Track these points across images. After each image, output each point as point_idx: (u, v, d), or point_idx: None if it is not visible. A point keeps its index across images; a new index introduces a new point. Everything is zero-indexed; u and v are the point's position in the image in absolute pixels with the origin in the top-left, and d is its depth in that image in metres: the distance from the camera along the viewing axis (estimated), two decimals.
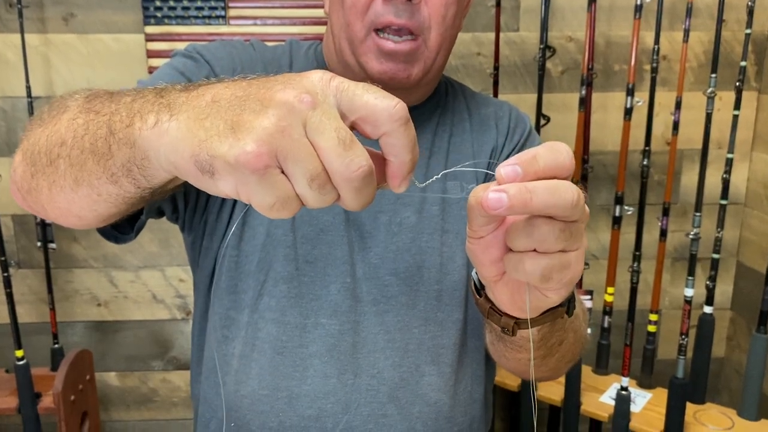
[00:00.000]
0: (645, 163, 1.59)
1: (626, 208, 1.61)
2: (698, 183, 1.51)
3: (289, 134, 0.40)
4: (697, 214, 1.51)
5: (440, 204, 0.87)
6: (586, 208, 0.48)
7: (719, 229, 1.53)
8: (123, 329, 1.85)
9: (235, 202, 0.84)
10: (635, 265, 1.62)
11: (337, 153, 0.41)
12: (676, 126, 1.54)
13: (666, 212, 1.59)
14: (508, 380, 1.67)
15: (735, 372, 1.89)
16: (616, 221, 1.63)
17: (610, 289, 1.63)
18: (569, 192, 0.45)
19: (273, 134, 0.40)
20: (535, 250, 0.48)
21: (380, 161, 0.46)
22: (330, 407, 0.82)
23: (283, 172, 0.42)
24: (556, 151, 0.47)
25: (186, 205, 0.85)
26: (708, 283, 1.54)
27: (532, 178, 0.45)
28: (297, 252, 0.83)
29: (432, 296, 0.84)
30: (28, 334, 1.75)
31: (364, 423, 0.82)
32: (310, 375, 0.82)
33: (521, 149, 0.92)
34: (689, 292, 1.52)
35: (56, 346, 1.74)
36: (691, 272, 1.52)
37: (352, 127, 0.44)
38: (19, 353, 1.56)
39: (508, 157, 0.91)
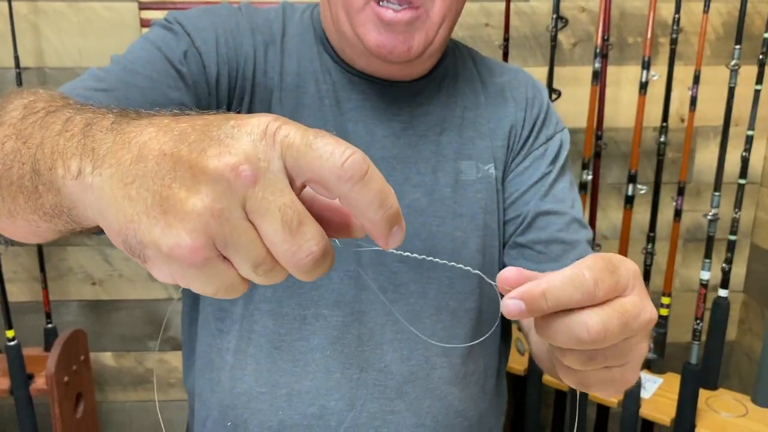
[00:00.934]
0: (662, 139, 1.52)
1: (639, 187, 1.55)
2: (718, 161, 1.44)
3: (226, 218, 0.34)
4: (716, 193, 1.45)
5: (453, 185, 0.81)
6: (643, 316, 0.44)
7: (737, 210, 1.47)
8: (118, 308, 1.80)
9: None
10: (649, 246, 1.57)
11: (281, 239, 0.35)
12: (693, 101, 1.47)
13: (681, 192, 1.53)
14: (514, 364, 1.62)
15: (746, 356, 1.84)
16: (629, 200, 1.57)
17: None
18: (588, 325, 0.42)
19: (208, 221, 0.34)
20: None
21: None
22: (334, 404, 0.77)
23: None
24: (575, 284, 0.43)
25: None
26: (724, 265, 1.49)
27: (541, 314, 0.43)
28: None
29: (444, 284, 0.79)
30: (20, 314, 1.70)
31: (370, 420, 0.77)
32: (312, 370, 0.77)
33: (540, 129, 0.86)
34: (705, 275, 1.47)
35: (49, 326, 1.69)
36: (708, 254, 1.46)
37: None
38: (10, 333, 1.51)
39: (528, 136, 0.85)
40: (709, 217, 1.45)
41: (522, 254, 0.83)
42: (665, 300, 1.56)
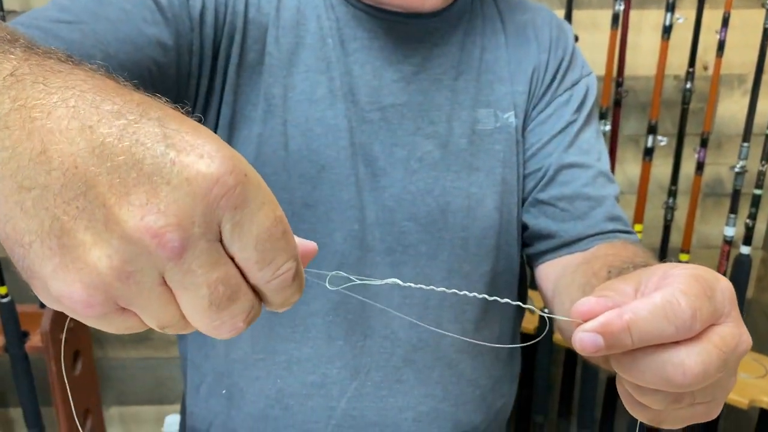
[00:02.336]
0: (688, 86, 1.43)
1: (659, 138, 1.47)
2: (749, 109, 1.35)
3: (135, 282, 0.27)
4: (745, 144, 1.36)
5: (469, 136, 0.73)
6: (740, 348, 0.38)
7: (764, 162, 1.39)
8: None
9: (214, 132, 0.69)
10: (670, 200, 1.50)
11: (206, 316, 0.29)
12: (721, 46, 1.38)
13: (704, 143, 1.45)
14: (524, 323, 1.57)
15: (764, 315, 1.79)
16: (648, 153, 1.49)
17: (638, 227, 1.51)
18: (686, 367, 0.37)
19: (111, 282, 0.27)
20: None
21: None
22: (336, 373, 0.71)
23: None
24: (669, 316, 0.36)
25: None
26: (747, 221, 1.42)
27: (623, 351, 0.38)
28: (293, 194, 0.69)
29: (457, 245, 0.72)
30: (13, 270, 1.65)
31: (375, 389, 0.72)
32: (312, 337, 0.71)
33: (565, 73, 0.77)
34: (730, 231, 1.40)
35: None
36: (734, 209, 1.39)
37: None
38: (3, 290, 1.46)
39: (551, 81, 0.77)
40: (736, 170, 1.37)
41: (543, 212, 0.76)
42: (683, 257, 1.50)
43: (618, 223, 0.75)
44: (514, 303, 0.44)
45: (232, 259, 0.29)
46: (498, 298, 0.44)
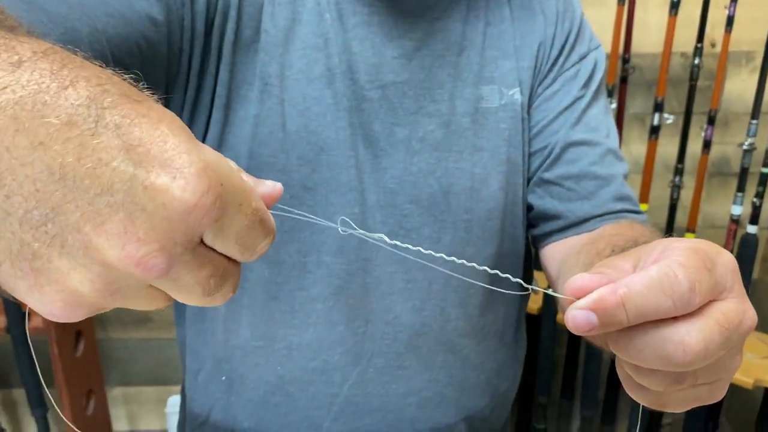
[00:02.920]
0: (696, 62, 1.41)
1: (666, 116, 1.45)
2: (758, 86, 1.33)
3: (121, 295, 0.27)
4: (754, 121, 1.34)
5: (472, 114, 0.71)
6: (744, 324, 0.36)
7: None
8: None
9: (209, 121, 0.68)
10: (676, 179, 1.48)
11: (202, 301, 0.30)
12: (730, 22, 1.35)
13: (711, 121, 1.43)
14: (529, 303, 1.57)
15: None
16: (654, 131, 1.47)
17: (644, 206, 1.50)
18: (685, 344, 0.34)
19: (96, 301, 0.27)
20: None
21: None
22: (337, 359, 0.70)
23: None
24: (666, 289, 0.34)
25: None
26: (755, 200, 1.40)
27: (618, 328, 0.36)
28: (291, 177, 0.67)
29: (461, 228, 0.70)
30: None
31: (378, 376, 0.71)
32: (313, 322, 0.70)
33: (573, 47, 0.75)
34: (737, 209, 1.39)
35: None
36: (741, 187, 1.37)
37: None
38: None
39: (558, 55, 0.74)
40: (744, 147, 1.35)
41: (549, 192, 0.74)
42: (689, 236, 1.49)
43: (626, 202, 0.73)
44: (515, 280, 0.41)
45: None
46: (499, 272, 0.42)
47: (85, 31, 0.54)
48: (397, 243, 0.40)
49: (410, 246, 0.41)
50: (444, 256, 0.40)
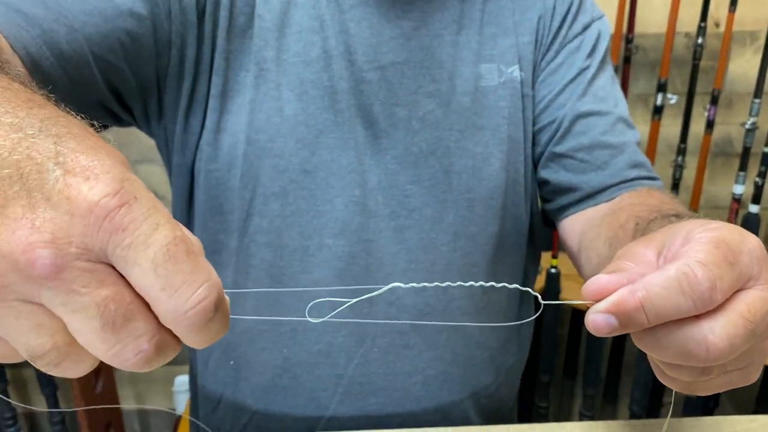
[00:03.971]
0: (699, 42, 1.40)
1: (669, 96, 1.45)
2: (761, 65, 1.32)
3: (1, 299, 0.26)
4: (756, 100, 1.34)
5: (472, 93, 0.71)
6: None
7: None
8: None
9: (206, 109, 0.68)
10: (679, 159, 1.48)
11: (101, 339, 0.26)
12: (734, 2, 1.34)
13: (714, 101, 1.43)
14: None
15: None
16: (657, 111, 1.47)
17: None
18: (708, 342, 0.34)
19: None
20: None
21: None
22: (341, 341, 0.71)
23: None
24: (685, 290, 0.34)
25: (130, 112, 0.69)
26: (757, 179, 1.40)
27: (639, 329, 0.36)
28: (290, 161, 0.68)
29: (462, 207, 0.71)
30: None
31: (382, 356, 0.72)
32: (316, 306, 0.71)
33: (575, 17, 0.74)
34: (739, 188, 1.39)
35: None
36: (743, 167, 1.37)
37: None
38: None
39: (560, 27, 0.73)
40: (747, 127, 1.35)
41: (562, 165, 0.73)
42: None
43: (641, 169, 0.72)
44: (511, 286, 0.41)
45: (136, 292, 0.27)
46: (494, 284, 0.41)
47: (63, 31, 0.55)
48: (414, 284, 0.42)
49: (427, 283, 0.42)
50: (462, 283, 0.40)
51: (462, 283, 0.40)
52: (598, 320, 0.36)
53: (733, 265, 0.35)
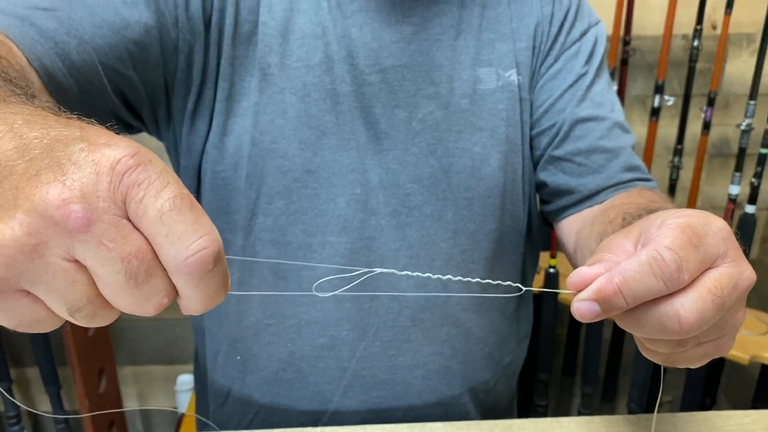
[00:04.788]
0: (695, 44, 1.42)
1: (666, 98, 1.47)
2: (756, 67, 1.34)
3: (40, 255, 0.28)
4: (752, 102, 1.36)
5: (470, 96, 0.73)
6: (740, 285, 0.40)
7: None
8: None
9: (213, 105, 0.70)
10: (676, 159, 1.50)
11: (126, 292, 0.30)
12: (730, 4, 1.36)
13: (711, 102, 1.45)
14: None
15: (767, 274, 1.80)
16: (654, 113, 1.49)
17: None
18: (680, 316, 0.39)
19: (14, 255, 0.28)
20: None
21: None
22: (345, 334, 0.73)
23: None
24: (655, 272, 0.38)
25: (140, 118, 0.71)
26: (753, 180, 1.42)
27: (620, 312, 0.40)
28: (293, 161, 0.70)
29: (462, 205, 0.73)
30: None
31: (384, 349, 0.73)
32: (320, 300, 0.72)
33: (572, 24, 0.76)
34: (735, 189, 1.40)
35: None
36: (739, 167, 1.39)
37: None
38: None
39: (558, 33, 0.75)
40: (742, 128, 1.37)
41: (561, 168, 0.76)
42: None
43: (636, 172, 0.75)
44: (513, 285, 0.46)
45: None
46: (491, 281, 0.46)
47: (74, 43, 0.58)
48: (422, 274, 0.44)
49: (441, 275, 0.45)
50: (461, 278, 0.45)
51: (451, 277, 0.45)
52: (582, 308, 0.40)
53: (697, 247, 0.39)
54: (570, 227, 0.77)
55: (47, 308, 0.30)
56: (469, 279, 0.45)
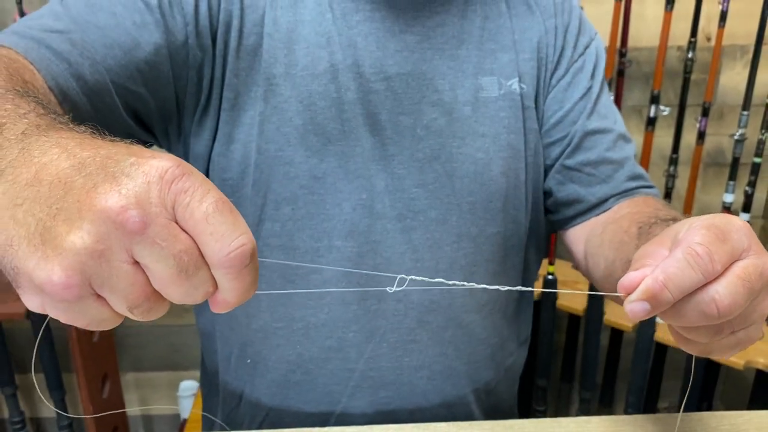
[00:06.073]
0: (690, 56, 1.45)
1: (662, 108, 1.50)
2: (749, 78, 1.37)
3: (106, 260, 0.33)
4: (745, 112, 1.39)
5: (472, 104, 0.76)
6: (765, 273, 0.45)
7: (764, 131, 1.41)
8: None
9: (218, 115, 0.72)
10: (671, 168, 1.52)
11: (177, 284, 0.34)
12: (723, 17, 1.39)
13: (705, 113, 1.47)
14: None
15: None
16: (650, 123, 1.52)
17: None
18: (717, 301, 0.44)
19: (85, 261, 0.32)
20: None
21: None
22: (352, 336, 0.75)
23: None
24: (693, 265, 0.44)
25: (152, 132, 0.74)
26: (747, 188, 1.45)
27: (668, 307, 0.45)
28: (300, 168, 0.72)
29: (465, 209, 0.75)
30: None
31: (391, 351, 0.75)
32: (327, 303, 0.74)
33: (577, 38, 0.80)
34: (729, 197, 1.43)
35: None
36: (732, 176, 1.42)
37: None
38: None
39: (563, 46, 0.79)
40: (736, 137, 1.40)
41: (570, 178, 0.80)
42: None
43: (639, 180, 0.80)
44: (522, 289, 0.49)
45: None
46: (499, 287, 0.50)
47: (86, 64, 0.62)
48: (456, 283, 0.50)
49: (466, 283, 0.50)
50: (475, 284, 0.48)
51: (477, 285, 0.48)
52: (635, 308, 0.44)
53: (724, 241, 0.44)
54: (578, 236, 0.81)
55: (111, 307, 0.35)
56: (497, 287, 0.49)
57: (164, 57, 0.67)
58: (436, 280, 0.49)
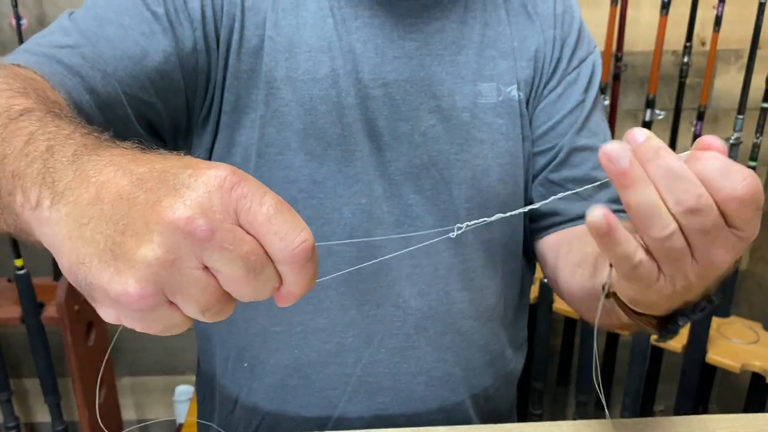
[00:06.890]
0: (685, 60, 1.46)
1: (657, 112, 1.50)
2: (743, 82, 1.38)
3: (177, 269, 0.34)
4: (740, 116, 1.39)
5: (471, 110, 0.76)
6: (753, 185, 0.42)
7: (758, 135, 1.42)
8: None
9: (219, 117, 0.73)
10: None
11: (246, 283, 0.36)
12: (718, 21, 1.40)
13: (701, 116, 1.48)
14: None
15: (757, 285, 1.83)
16: (646, 126, 1.52)
17: None
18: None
19: (158, 272, 0.34)
20: None
21: None
22: (351, 341, 0.75)
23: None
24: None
25: (162, 139, 0.73)
26: None
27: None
28: (299, 172, 0.72)
29: (463, 216, 0.75)
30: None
31: (389, 356, 0.75)
32: (326, 307, 0.74)
33: (574, 50, 0.79)
34: None
35: None
36: None
37: None
38: (19, 262, 1.50)
39: (560, 57, 0.78)
40: (731, 141, 1.41)
41: (553, 192, 0.78)
42: None
43: (620, 204, 0.78)
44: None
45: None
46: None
47: (98, 76, 0.62)
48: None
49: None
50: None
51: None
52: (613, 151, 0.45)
53: None
54: (551, 244, 0.80)
55: (182, 312, 0.36)
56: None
57: (174, 65, 0.67)
58: (495, 216, 0.52)
